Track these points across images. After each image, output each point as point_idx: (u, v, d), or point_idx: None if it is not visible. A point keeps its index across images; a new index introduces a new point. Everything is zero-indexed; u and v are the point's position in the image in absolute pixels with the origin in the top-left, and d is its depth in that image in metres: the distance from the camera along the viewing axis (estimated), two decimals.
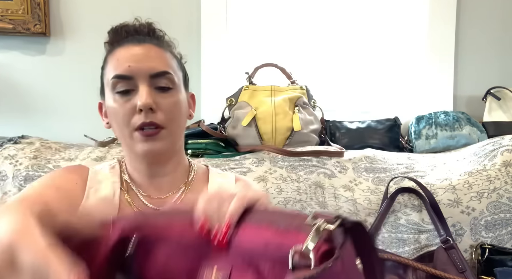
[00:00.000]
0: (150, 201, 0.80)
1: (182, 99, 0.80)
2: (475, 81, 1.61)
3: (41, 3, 1.64)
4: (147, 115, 0.73)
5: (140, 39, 0.78)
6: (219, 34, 1.65)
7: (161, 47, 0.80)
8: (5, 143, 1.34)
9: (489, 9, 1.60)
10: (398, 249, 1.16)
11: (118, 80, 0.74)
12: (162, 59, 0.77)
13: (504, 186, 1.19)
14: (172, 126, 0.77)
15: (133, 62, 0.74)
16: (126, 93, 0.74)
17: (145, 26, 0.84)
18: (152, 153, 0.76)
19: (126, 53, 0.75)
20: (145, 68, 0.74)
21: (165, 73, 0.76)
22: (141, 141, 0.74)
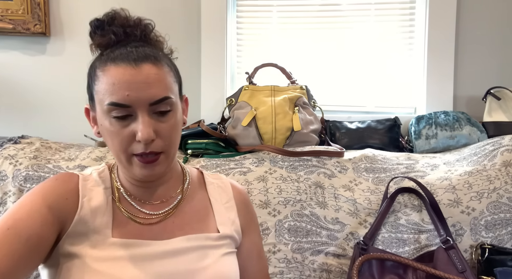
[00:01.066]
0: (144, 206, 0.78)
1: (179, 115, 0.76)
2: (475, 81, 1.61)
3: (41, 3, 1.64)
4: (147, 146, 0.70)
5: (136, 58, 0.71)
6: (219, 34, 1.65)
7: (158, 63, 0.73)
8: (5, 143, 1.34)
9: (489, 9, 1.61)
10: (398, 249, 1.16)
11: (114, 108, 0.69)
12: (162, 83, 0.72)
13: (504, 186, 1.19)
14: (171, 149, 0.75)
15: (131, 90, 0.69)
16: (123, 118, 0.70)
17: (136, 27, 0.77)
18: (151, 176, 0.74)
19: (122, 77, 0.69)
20: (144, 98, 0.69)
21: (165, 99, 0.71)
22: (139, 166, 0.72)
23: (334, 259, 1.17)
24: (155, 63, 0.72)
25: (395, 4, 1.67)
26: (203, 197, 0.85)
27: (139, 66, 0.70)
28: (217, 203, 0.85)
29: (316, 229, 1.20)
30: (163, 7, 1.68)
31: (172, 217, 0.79)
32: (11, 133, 1.46)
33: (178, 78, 0.79)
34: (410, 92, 1.67)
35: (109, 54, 0.73)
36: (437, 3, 1.59)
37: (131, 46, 0.73)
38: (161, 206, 0.79)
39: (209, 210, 0.83)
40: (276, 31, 1.72)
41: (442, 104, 1.60)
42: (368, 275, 1.09)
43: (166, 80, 0.73)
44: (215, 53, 1.66)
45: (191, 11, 1.67)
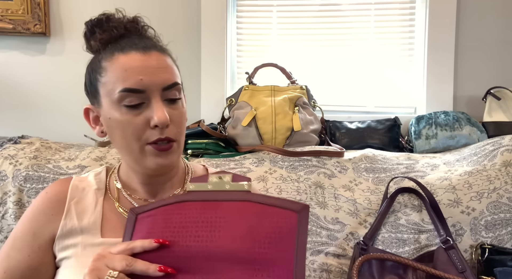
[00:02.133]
0: (142, 203, 0.78)
1: (184, 106, 0.78)
2: (475, 81, 1.61)
3: (41, 3, 1.64)
4: (163, 131, 0.70)
5: (144, 46, 0.73)
6: (219, 34, 1.65)
7: (165, 52, 0.76)
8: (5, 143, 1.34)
9: (489, 9, 1.60)
10: (398, 249, 1.16)
11: (128, 94, 0.69)
12: (170, 69, 0.74)
13: (504, 186, 1.19)
14: (181, 138, 0.75)
15: (145, 75, 0.69)
16: (136, 107, 0.70)
17: (136, 22, 0.79)
18: (164, 167, 0.73)
19: (134, 63, 0.70)
20: (158, 81, 0.70)
21: (175, 84, 0.73)
22: (154, 154, 0.71)
23: (334, 259, 1.17)
24: (162, 52, 0.74)
25: (395, 4, 1.67)
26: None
27: (148, 53, 0.71)
28: None
29: (316, 229, 1.20)
30: (163, 7, 1.68)
31: None
32: (11, 134, 1.46)
33: (179, 72, 0.80)
34: (410, 92, 1.67)
35: (115, 45, 0.73)
36: (437, 3, 1.59)
37: (134, 38, 0.75)
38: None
39: None
40: (276, 31, 1.72)
41: (442, 104, 1.60)
42: (368, 275, 1.09)
43: (173, 68, 0.75)
44: (215, 53, 1.66)
45: (191, 11, 1.67)
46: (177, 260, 0.58)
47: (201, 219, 0.59)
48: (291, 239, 0.57)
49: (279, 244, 0.57)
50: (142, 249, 0.57)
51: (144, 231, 0.60)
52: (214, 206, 0.60)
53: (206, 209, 0.60)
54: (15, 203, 1.18)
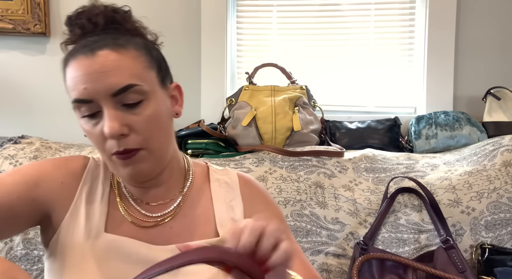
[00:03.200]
0: (142, 206, 0.73)
1: (160, 105, 0.68)
2: (475, 81, 1.61)
3: (41, 3, 1.64)
4: (119, 143, 0.63)
5: (93, 46, 0.64)
6: (219, 34, 1.65)
7: (120, 48, 0.65)
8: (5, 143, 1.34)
9: (489, 9, 1.60)
10: (398, 249, 1.16)
11: (79, 104, 0.64)
12: (123, 70, 0.63)
13: (504, 186, 1.19)
14: (152, 144, 0.66)
15: (88, 82, 0.62)
16: (92, 116, 0.64)
17: (100, 14, 0.68)
18: (137, 175, 0.67)
19: (78, 70, 0.63)
20: (102, 88, 0.62)
21: (128, 87, 0.63)
22: (121, 164, 0.65)
23: (334, 259, 1.17)
24: (115, 49, 0.64)
25: (395, 4, 1.67)
26: (205, 197, 0.77)
27: (94, 55, 0.63)
28: (219, 202, 0.76)
29: (316, 229, 1.20)
30: (163, 7, 1.68)
31: (171, 221, 0.72)
32: (11, 134, 1.46)
33: (157, 64, 0.70)
34: (410, 92, 1.67)
35: (74, 47, 0.67)
36: (437, 3, 1.59)
37: (93, 36, 0.67)
38: (159, 208, 0.73)
39: (210, 211, 0.75)
40: (276, 31, 1.72)
41: (442, 104, 1.60)
42: (368, 275, 1.09)
43: (130, 66, 0.64)
44: (215, 53, 1.66)
45: (191, 11, 1.67)
46: None
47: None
48: None
49: None
50: None
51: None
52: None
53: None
54: None
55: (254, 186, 0.81)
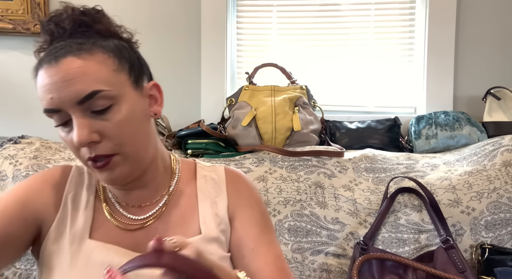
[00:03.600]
0: (127, 209, 0.72)
1: (133, 107, 0.65)
2: (475, 81, 1.61)
3: (41, 3, 1.64)
4: (90, 150, 0.63)
5: (57, 53, 0.62)
6: (219, 34, 1.65)
7: (85, 53, 0.63)
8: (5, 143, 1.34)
9: (489, 9, 1.61)
10: (398, 249, 1.16)
11: (49, 114, 0.64)
12: (87, 76, 0.61)
13: (504, 186, 1.19)
14: (126, 148, 0.64)
15: (53, 92, 0.61)
16: (65, 125, 0.64)
17: (68, 18, 0.66)
18: (115, 180, 0.66)
19: (44, 79, 0.62)
20: (67, 97, 0.61)
21: (94, 94, 0.61)
22: (97, 171, 0.65)
23: (334, 259, 1.17)
24: (79, 55, 0.62)
25: (395, 4, 1.67)
26: (191, 194, 0.76)
27: (58, 63, 0.61)
28: (204, 199, 0.75)
29: (316, 229, 1.20)
30: (163, 7, 1.68)
31: (156, 222, 0.71)
32: (11, 134, 1.46)
33: (129, 65, 0.67)
34: (410, 92, 1.67)
35: (39, 58, 0.66)
36: (437, 3, 1.59)
37: (60, 42, 0.65)
38: (146, 209, 0.72)
39: (195, 208, 0.74)
40: (276, 31, 1.72)
41: (442, 104, 1.60)
42: (368, 275, 1.09)
43: (95, 72, 0.62)
44: (215, 53, 1.66)
45: (191, 11, 1.67)
46: None
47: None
48: None
49: None
50: None
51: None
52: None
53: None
54: None
55: (240, 181, 0.80)
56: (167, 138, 1.43)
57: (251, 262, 0.71)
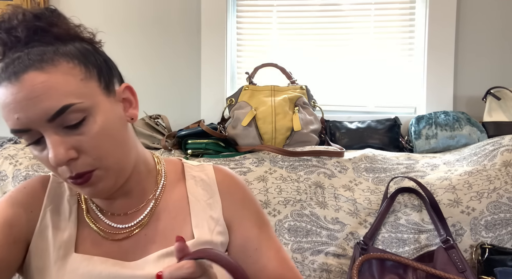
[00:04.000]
0: (112, 219, 0.68)
1: (108, 116, 0.60)
2: (475, 81, 1.61)
3: (41, 3, 1.64)
4: (69, 168, 0.58)
5: (16, 68, 0.56)
6: (219, 34, 1.65)
7: (48, 65, 0.56)
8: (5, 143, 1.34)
9: (489, 9, 1.60)
10: (398, 249, 1.16)
11: (18, 135, 0.58)
12: (53, 90, 0.55)
13: (504, 186, 1.19)
14: (107, 161, 0.60)
15: (19, 111, 0.55)
16: (37, 143, 0.59)
17: (20, 25, 0.59)
18: (98, 194, 0.63)
19: (6, 98, 0.56)
20: (36, 116, 0.55)
21: (64, 109, 0.56)
22: (78, 187, 0.61)
23: (334, 259, 1.17)
24: (41, 69, 0.56)
25: (395, 4, 1.67)
26: (180, 197, 0.72)
27: (19, 80, 0.55)
28: (196, 202, 0.72)
29: (316, 229, 1.20)
30: (163, 7, 1.68)
31: (144, 228, 0.68)
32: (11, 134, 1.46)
33: (97, 70, 0.61)
34: (410, 92, 1.67)
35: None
36: (437, 3, 1.59)
37: (13, 55, 0.58)
38: (131, 217, 0.68)
39: (186, 212, 0.70)
40: (276, 31, 1.72)
41: (442, 104, 1.60)
42: (368, 275, 1.09)
43: (63, 85, 0.56)
44: (215, 53, 1.66)
45: (191, 11, 1.67)
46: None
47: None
48: None
49: None
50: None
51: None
52: None
53: None
54: None
55: (232, 181, 0.76)
56: (167, 138, 1.43)
57: (256, 261, 0.71)
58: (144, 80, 1.68)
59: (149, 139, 1.45)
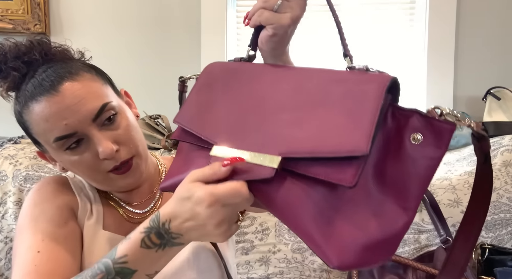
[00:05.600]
0: (133, 207, 0.77)
1: (127, 113, 0.72)
2: (475, 81, 1.61)
3: (41, 3, 1.64)
4: (115, 159, 0.67)
5: (51, 83, 0.65)
6: (219, 33, 1.65)
7: (76, 76, 0.67)
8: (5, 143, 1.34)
9: (489, 9, 1.60)
10: (398, 249, 1.16)
11: (62, 141, 0.66)
12: (90, 93, 0.67)
13: (504, 186, 1.19)
14: (139, 149, 0.71)
15: (67, 117, 0.64)
16: (78, 146, 0.67)
17: (31, 50, 0.69)
18: (136, 183, 0.72)
19: (50, 110, 0.64)
20: (83, 117, 0.65)
21: (104, 107, 0.67)
22: (120, 178, 0.70)
23: None
24: (73, 79, 0.66)
25: (395, 4, 1.67)
26: None
27: (59, 91, 0.65)
28: None
29: None
30: (162, 6, 1.68)
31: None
32: (11, 134, 1.46)
33: (105, 78, 0.74)
34: (410, 92, 1.67)
35: (24, 93, 0.68)
36: (437, 3, 1.59)
37: (40, 74, 0.67)
38: (146, 204, 0.78)
39: None
40: None
41: (442, 104, 1.59)
42: (368, 275, 1.09)
43: (94, 89, 0.68)
44: (215, 52, 1.66)
45: (191, 11, 1.67)
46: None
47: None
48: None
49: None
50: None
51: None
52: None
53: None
54: (15, 203, 1.18)
55: None
56: (167, 138, 1.43)
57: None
58: (144, 80, 1.68)
59: (149, 139, 1.45)
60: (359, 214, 0.45)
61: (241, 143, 0.49)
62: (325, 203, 0.45)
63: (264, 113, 0.50)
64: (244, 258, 1.19)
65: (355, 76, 0.49)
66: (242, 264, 1.18)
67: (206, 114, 0.55)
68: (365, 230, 0.44)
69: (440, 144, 0.45)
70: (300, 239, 0.46)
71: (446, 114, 0.46)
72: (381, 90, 0.46)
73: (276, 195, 0.46)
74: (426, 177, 0.45)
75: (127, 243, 0.54)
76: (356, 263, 0.44)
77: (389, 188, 0.45)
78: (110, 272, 0.53)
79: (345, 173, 0.42)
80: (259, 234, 1.20)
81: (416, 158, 0.45)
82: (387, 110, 0.47)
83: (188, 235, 0.51)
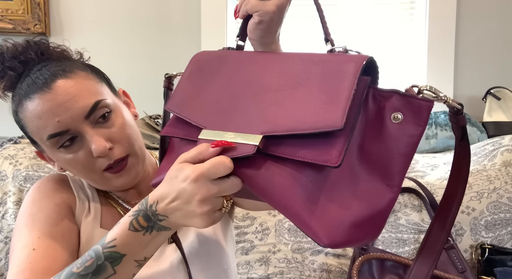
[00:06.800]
0: (131, 205, 0.76)
1: (123, 111, 0.72)
2: (475, 81, 1.61)
3: (41, 3, 1.64)
4: (109, 157, 0.67)
5: (44, 81, 0.65)
6: (219, 33, 1.65)
7: (70, 73, 0.67)
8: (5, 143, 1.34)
9: (489, 9, 1.60)
10: (398, 249, 1.16)
11: (56, 138, 0.66)
12: (83, 90, 0.67)
13: (504, 186, 1.19)
14: (134, 147, 0.70)
15: (59, 115, 0.64)
16: (72, 144, 0.67)
17: (27, 50, 0.70)
18: (131, 182, 0.71)
19: (42, 107, 0.64)
20: (75, 115, 0.65)
21: (97, 104, 0.67)
22: (114, 177, 0.69)
23: (334, 259, 1.17)
24: (66, 76, 0.67)
25: (395, 4, 1.67)
26: None
27: (52, 88, 0.65)
28: None
29: None
30: (162, 6, 1.68)
31: None
32: (11, 134, 1.46)
33: (102, 77, 0.74)
34: None
35: (19, 92, 0.68)
36: (437, 3, 1.59)
37: (34, 72, 0.68)
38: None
39: None
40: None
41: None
42: (368, 275, 1.09)
43: (88, 86, 0.68)
44: None
45: (191, 11, 1.67)
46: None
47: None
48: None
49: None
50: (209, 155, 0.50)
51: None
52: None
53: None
54: (15, 203, 1.18)
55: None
56: None
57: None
58: (144, 80, 1.68)
59: (149, 139, 1.45)
60: (346, 192, 0.47)
61: (228, 126, 0.52)
62: (313, 184, 0.47)
63: (250, 96, 0.52)
64: (244, 258, 1.19)
65: (334, 58, 0.51)
66: (242, 264, 1.18)
67: (195, 100, 0.56)
68: (353, 208, 0.46)
69: (419, 121, 0.47)
70: (290, 221, 0.47)
71: (423, 92, 0.47)
72: (357, 69, 0.48)
73: (266, 179, 0.48)
74: (408, 153, 0.47)
75: (117, 227, 0.54)
76: (345, 240, 0.46)
77: (373, 166, 0.48)
78: (99, 257, 0.53)
79: (329, 155, 0.45)
80: (259, 234, 1.20)
81: (398, 136, 0.47)
82: (367, 92, 0.49)
83: (173, 216, 0.51)
